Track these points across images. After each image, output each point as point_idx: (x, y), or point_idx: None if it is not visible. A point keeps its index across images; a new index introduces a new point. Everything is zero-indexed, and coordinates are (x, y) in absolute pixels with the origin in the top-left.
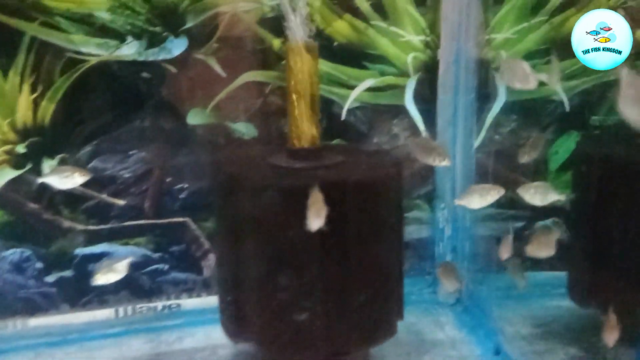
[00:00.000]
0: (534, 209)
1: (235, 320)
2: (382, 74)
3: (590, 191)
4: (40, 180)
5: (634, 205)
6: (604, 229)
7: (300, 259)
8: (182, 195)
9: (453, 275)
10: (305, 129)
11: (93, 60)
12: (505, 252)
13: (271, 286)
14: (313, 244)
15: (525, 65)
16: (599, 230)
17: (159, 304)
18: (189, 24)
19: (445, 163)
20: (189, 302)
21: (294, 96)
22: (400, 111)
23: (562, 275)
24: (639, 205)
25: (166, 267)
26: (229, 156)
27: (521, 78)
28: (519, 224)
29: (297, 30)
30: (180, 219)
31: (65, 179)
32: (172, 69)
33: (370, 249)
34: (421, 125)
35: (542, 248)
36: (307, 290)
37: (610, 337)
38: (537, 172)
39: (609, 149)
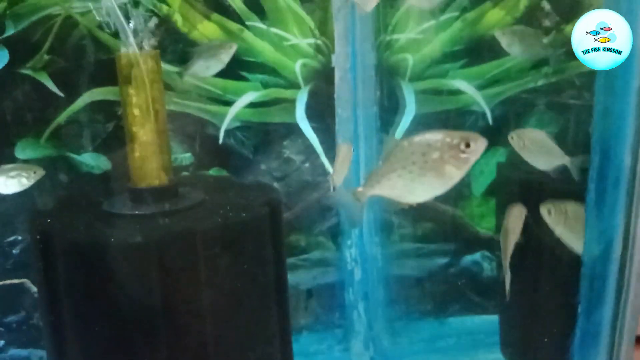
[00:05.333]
0: (458, 242)
1: None
2: (266, 85)
3: None
4: None
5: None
6: (531, 268)
7: (139, 339)
8: (15, 251)
9: None
10: (150, 161)
11: None
12: None
13: None
14: (154, 322)
15: None
16: (526, 270)
17: None
18: (8, 32)
19: None
20: None
21: (133, 118)
22: (291, 130)
23: (496, 319)
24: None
25: (2, 342)
26: (54, 202)
27: None
28: (443, 260)
29: (130, 35)
30: (16, 281)
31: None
32: None
33: (233, 315)
34: (318, 146)
35: None
36: None
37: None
38: (459, 197)
39: (534, 172)
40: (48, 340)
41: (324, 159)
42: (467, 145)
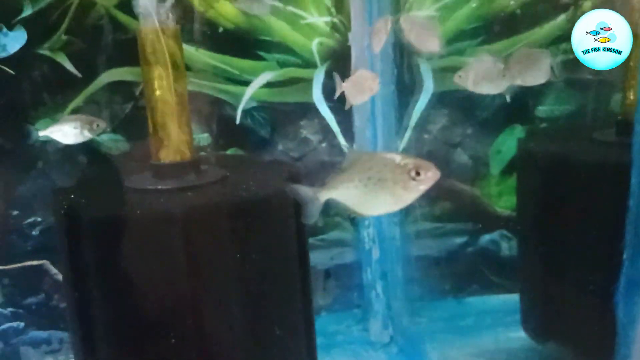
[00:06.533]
0: (477, 221)
1: None
2: (282, 65)
3: (538, 198)
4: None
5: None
6: (556, 244)
7: (164, 312)
8: (35, 232)
9: None
10: (171, 137)
11: None
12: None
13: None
14: (181, 294)
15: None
16: (551, 246)
17: None
18: (26, 13)
19: None
20: None
21: (153, 95)
22: (308, 110)
23: (516, 298)
24: (601, 214)
25: (22, 325)
26: (76, 180)
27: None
28: (461, 240)
29: (150, 8)
30: (35, 262)
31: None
32: (9, 70)
33: (257, 289)
34: (335, 126)
35: None
36: (178, 349)
37: None
38: (477, 176)
39: (557, 147)
40: (71, 318)
41: (340, 138)
42: (418, 174)
